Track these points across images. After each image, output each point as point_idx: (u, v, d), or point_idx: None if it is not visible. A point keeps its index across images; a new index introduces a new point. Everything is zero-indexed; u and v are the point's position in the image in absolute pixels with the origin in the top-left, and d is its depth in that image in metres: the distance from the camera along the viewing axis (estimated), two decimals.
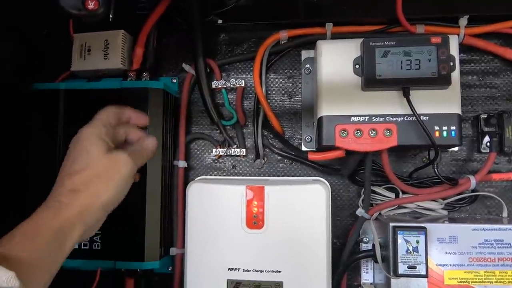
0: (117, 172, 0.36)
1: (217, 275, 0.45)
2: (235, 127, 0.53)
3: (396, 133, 0.43)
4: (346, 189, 0.52)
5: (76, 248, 0.47)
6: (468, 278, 0.41)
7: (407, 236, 0.41)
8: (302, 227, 0.44)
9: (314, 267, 0.44)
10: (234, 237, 0.45)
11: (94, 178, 0.35)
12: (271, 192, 0.45)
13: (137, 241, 0.46)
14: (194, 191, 0.46)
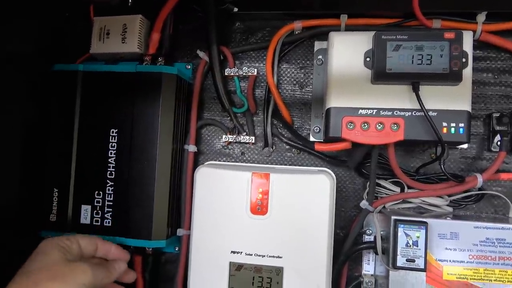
0: (73, 279, 0.37)
1: (220, 257, 0.47)
2: (246, 115, 0.54)
3: (403, 128, 0.43)
4: (352, 181, 0.52)
5: (88, 224, 0.50)
6: (467, 274, 0.41)
7: (408, 230, 0.41)
8: (305, 215, 0.45)
9: (315, 255, 0.45)
10: (238, 221, 0.46)
11: (49, 279, 0.36)
12: (276, 179, 0.46)
13: (146, 220, 0.48)
14: (202, 175, 0.48)
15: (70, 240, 0.41)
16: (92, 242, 0.43)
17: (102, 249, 0.44)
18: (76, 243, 0.41)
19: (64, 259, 0.38)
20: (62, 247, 0.39)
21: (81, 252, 0.41)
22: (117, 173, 0.50)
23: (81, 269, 0.38)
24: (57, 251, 0.39)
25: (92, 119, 0.51)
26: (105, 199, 0.50)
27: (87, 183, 0.50)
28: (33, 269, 0.37)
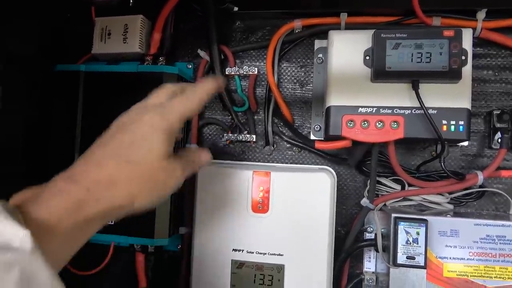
0: (167, 184, 0.32)
1: (222, 255, 0.47)
2: (247, 114, 0.54)
3: (403, 126, 0.43)
4: (353, 179, 0.53)
5: None
6: (467, 271, 0.41)
7: (408, 227, 0.41)
8: (306, 213, 0.46)
9: (316, 253, 0.45)
10: (239, 219, 0.47)
11: (142, 180, 0.30)
12: (277, 178, 0.46)
13: (148, 219, 0.49)
14: (203, 173, 0.48)
15: (179, 124, 0.32)
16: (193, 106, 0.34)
17: None
18: (181, 123, 0.33)
19: (165, 157, 0.31)
20: (169, 140, 0.31)
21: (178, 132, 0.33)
22: None
23: (176, 175, 0.32)
24: (161, 146, 0.30)
25: (94, 119, 0.51)
26: None
27: None
28: (130, 160, 0.29)
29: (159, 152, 0.31)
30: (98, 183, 0.28)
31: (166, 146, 0.31)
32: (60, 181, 0.29)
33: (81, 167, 0.30)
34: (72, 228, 0.27)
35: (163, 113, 0.32)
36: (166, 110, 0.32)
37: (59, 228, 0.26)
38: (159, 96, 0.35)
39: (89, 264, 0.55)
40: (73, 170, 0.30)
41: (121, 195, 0.29)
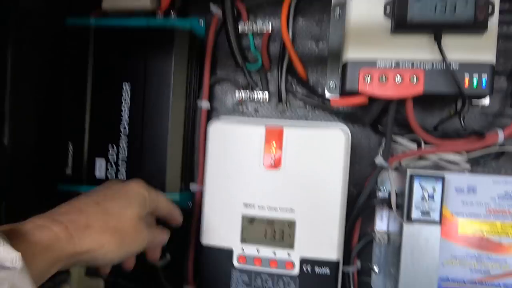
0: (135, 242, 0.36)
1: (232, 210, 0.47)
2: (259, 72, 0.53)
3: (423, 80, 0.42)
4: (368, 138, 0.52)
5: (103, 178, 0.51)
6: (483, 229, 0.41)
7: (424, 183, 0.40)
8: (319, 170, 0.45)
9: (328, 209, 0.45)
10: (251, 175, 0.46)
11: (114, 231, 0.34)
12: (290, 134, 0.46)
13: (159, 173, 0.49)
14: (215, 129, 0.47)
15: (155, 198, 0.40)
16: (169, 207, 0.43)
17: (168, 214, 0.44)
18: (156, 203, 0.40)
19: (139, 216, 0.37)
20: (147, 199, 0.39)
21: (152, 210, 0.40)
22: (130, 127, 0.50)
23: (142, 238, 0.37)
24: (137, 208, 0.37)
25: (105, 74, 0.51)
26: (119, 152, 0.50)
27: (100, 136, 0.51)
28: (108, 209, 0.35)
29: (134, 211, 0.36)
30: (74, 222, 0.33)
31: (142, 209, 0.37)
32: (40, 219, 0.32)
33: (63, 209, 0.35)
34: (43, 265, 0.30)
35: (149, 188, 0.40)
36: (152, 189, 0.40)
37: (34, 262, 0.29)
38: None
39: None
40: (54, 212, 0.34)
41: (92, 239, 0.33)
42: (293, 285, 0.46)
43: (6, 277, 0.24)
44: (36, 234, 0.30)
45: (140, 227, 0.37)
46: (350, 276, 0.49)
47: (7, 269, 0.25)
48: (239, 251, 0.47)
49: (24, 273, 0.25)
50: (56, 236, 0.31)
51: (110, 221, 0.35)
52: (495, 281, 0.41)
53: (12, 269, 0.25)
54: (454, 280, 0.41)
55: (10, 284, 0.24)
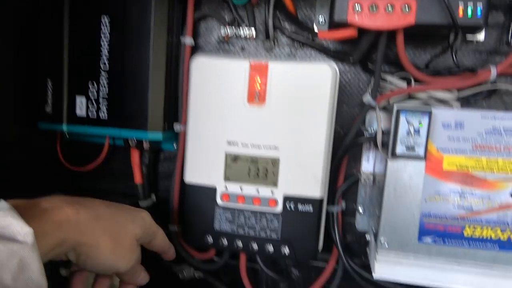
0: (125, 255, 0.37)
1: (216, 148, 0.46)
2: (246, 6, 0.50)
3: (415, 9, 0.39)
4: (357, 78, 0.50)
5: (84, 116, 0.49)
6: (468, 165, 0.40)
7: (410, 117, 0.39)
8: (305, 106, 0.44)
9: (313, 146, 0.44)
10: (235, 111, 0.45)
11: (114, 237, 0.35)
12: (275, 68, 0.44)
13: (141, 111, 0.47)
14: (197, 64, 0.46)
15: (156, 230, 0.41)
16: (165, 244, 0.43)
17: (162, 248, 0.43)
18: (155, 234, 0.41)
19: (136, 235, 0.38)
20: (145, 226, 0.39)
21: (148, 240, 0.41)
22: (110, 63, 0.48)
23: (133, 255, 0.38)
24: (140, 225, 0.38)
25: (83, 6, 0.48)
26: (100, 90, 0.48)
27: (80, 73, 0.49)
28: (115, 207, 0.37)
29: (135, 229, 0.38)
30: (85, 210, 0.34)
31: (142, 232, 0.38)
32: (57, 199, 0.33)
33: (78, 198, 0.35)
34: (51, 243, 0.30)
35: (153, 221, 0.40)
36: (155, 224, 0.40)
37: (45, 239, 0.30)
38: None
39: (85, 162, 0.55)
40: (70, 197, 0.35)
41: (95, 234, 0.34)
42: (276, 222, 0.46)
43: (17, 250, 0.26)
44: (51, 213, 0.31)
45: (134, 245, 0.38)
46: (334, 215, 0.49)
47: (18, 242, 0.26)
48: (222, 189, 0.47)
49: (34, 249, 0.26)
50: (67, 217, 0.32)
51: (113, 227, 0.36)
52: (477, 216, 0.41)
53: (24, 243, 0.26)
54: (436, 216, 0.41)
55: (20, 257, 0.26)
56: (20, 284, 0.26)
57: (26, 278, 0.26)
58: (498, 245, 0.41)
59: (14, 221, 0.27)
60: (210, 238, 0.48)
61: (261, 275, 0.56)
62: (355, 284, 0.52)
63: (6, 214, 0.27)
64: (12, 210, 0.27)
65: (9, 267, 0.25)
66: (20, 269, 0.26)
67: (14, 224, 0.26)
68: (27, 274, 0.26)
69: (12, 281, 0.25)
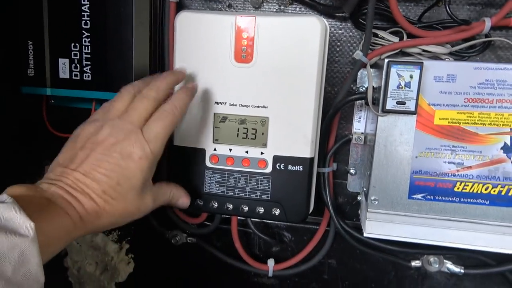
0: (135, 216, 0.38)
1: (204, 109, 0.45)
2: None
3: None
4: (348, 34, 0.48)
5: (67, 78, 0.48)
6: (460, 119, 0.39)
7: (401, 70, 0.38)
8: (294, 63, 0.42)
9: (303, 105, 0.43)
10: (221, 70, 0.44)
11: (117, 213, 0.35)
12: (262, 23, 0.42)
13: (126, 72, 0.46)
14: (182, 20, 0.44)
15: (160, 146, 0.38)
16: None
17: None
18: (161, 148, 0.38)
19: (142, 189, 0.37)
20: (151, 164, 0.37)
21: None
22: (92, 22, 0.46)
23: (144, 210, 0.38)
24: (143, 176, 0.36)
25: None
26: (82, 51, 0.47)
27: (61, 34, 0.47)
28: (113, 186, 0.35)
29: (137, 191, 0.36)
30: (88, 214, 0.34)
31: (145, 180, 0.37)
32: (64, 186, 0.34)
33: None
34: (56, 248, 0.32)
35: (148, 144, 0.36)
36: (151, 137, 0.36)
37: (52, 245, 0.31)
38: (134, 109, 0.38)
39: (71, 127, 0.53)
40: None
41: (105, 224, 0.35)
42: (266, 183, 0.45)
43: (18, 243, 0.26)
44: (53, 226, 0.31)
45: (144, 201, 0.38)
46: (325, 177, 0.49)
47: (20, 235, 0.27)
48: (211, 151, 0.46)
49: (34, 242, 0.27)
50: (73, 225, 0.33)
51: (116, 207, 0.36)
52: (468, 172, 0.40)
53: (25, 237, 0.27)
54: (427, 173, 0.41)
55: (21, 250, 0.26)
56: (19, 276, 0.26)
57: (26, 271, 0.26)
58: (489, 200, 0.41)
59: (17, 214, 0.27)
60: (201, 201, 0.48)
61: (253, 239, 0.56)
62: (347, 244, 0.53)
63: (10, 207, 0.27)
64: (15, 203, 0.28)
65: (10, 259, 0.26)
66: (20, 261, 0.26)
67: (16, 218, 0.27)
68: (26, 267, 0.27)
69: (12, 273, 0.26)
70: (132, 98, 0.38)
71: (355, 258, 0.54)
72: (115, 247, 0.60)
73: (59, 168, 0.35)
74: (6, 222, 0.27)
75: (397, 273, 0.54)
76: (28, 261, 0.27)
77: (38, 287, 0.27)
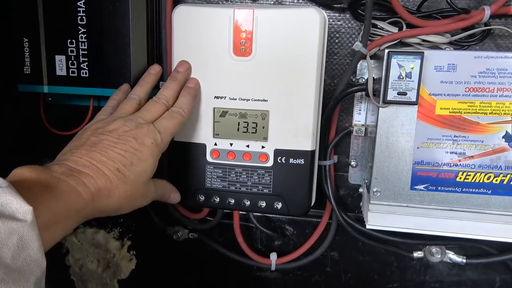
0: (141, 202, 0.39)
1: (203, 104, 0.45)
2: None
3: None
4: (347, 26, 0.48)
5: (64, 75, 0.47)
6: (461, 108, 0.39)
7: (402, 61, 0.38)
8: (293, 55, 0.42)
9: (303, 97, 0.43)
10: (220, 64, 0.43)
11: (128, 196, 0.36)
12: (260, 15, 0.42)
13: (124, 68, 0.45)
14: (180, 14, 0.43)
15: (169, 138, 0.40)
16: None
17: None
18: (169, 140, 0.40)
19: (150, 177, 0.38)
20: (159, 154, 0.39)
21: None
22: (88, 18, 0.45)
23: (149, 198, 0.40)
24: (153, 164, 0.38)
25: None
26: (79, 47, 0.46)
27: (57, 31, 0.46)
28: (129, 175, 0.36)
29: (148, 175, 0.38)
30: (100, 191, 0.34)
31: (154, 169, 0.38)
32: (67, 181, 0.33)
33: None
34: (66, 227, 0.32)
35: (160, 134, 0.38)
36: (161, 129, 0.39)
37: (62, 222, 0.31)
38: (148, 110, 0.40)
39: (70, 126, 0.53)
40: None
41: (114, 206, 0.35)
42: (268, 177, 0.45)
43: (16, 228, 0.25)
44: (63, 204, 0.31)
45: (150, 188, 0.40)
46: (327, 169, 0.49)
47: (18, 220, 0.26)
48: (212, 146, 0.46)
49: (33, 226, 0.26)
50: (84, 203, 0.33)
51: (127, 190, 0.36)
52: (470, 161, 0.40)
53: (23, 221, 0.26)
54: (429, 163, 0.41)
55: (19, 235, 0.25)
56: (19, 262, 0.25)
57: (26, 256, 0.26)
58: (491, 190, 0.41)
59: (13, 199, 0.26)
60: (202, 196, 0.47)
61: (255, 233, 0.56)
62: (349, 237, 0.53)
63: (5, 191, 0.26)
64: (11, 187, 0.27)
65: (8, 245, 0.25)
66: (20, 247, 0.25)
67: (13, 202, 0.26)
68: (26, 252, 0.26)
69: (11, 259, 0.25)
70: (138, 103, 0.41)
71: (358, 250, 0.54)
72: (116, 244, 0.60)
73: (71, 151, 0.36)
74: (2, 208, 0.26)
75: (400, 264, 0.54)
76: (27, 246, 0.26)
77: (40, 271, 0.27)
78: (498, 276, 0.52)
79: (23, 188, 0.28)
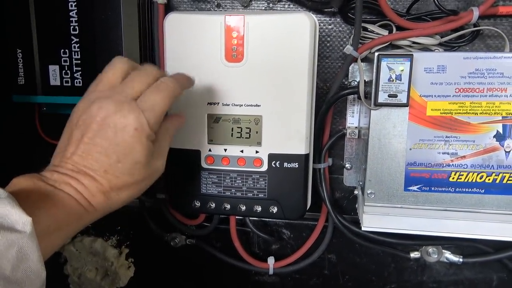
0: (148, 184, 0.36)
1: (197, 110, 0.45)
2: None
3: None
4: (338, 29, 0.48)
5: (58, 85, 0.48)
6: (452, 109, 0.39)
7: (391, 64, 0.38)
8: (284, 60, 0.42)
9: (295, 101, 0.43)
10: (213, 70, 0.44)
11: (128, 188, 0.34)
12: (251, 21, 0.42)
13: None
14: (171, 22, 0.44)
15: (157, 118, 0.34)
16: None
17: None
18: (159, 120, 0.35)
19: (147, 160, 0.34)
20: (149, 141, 0.34)
21: None
22: (80, 27, 0.46)
23: (157, 174, 0.37)
24: (144, 149, 0.33)
25: None
26: (72, 57, 0.47)
27: (50, 41, 0.47)
28: (119, 176, 0.33)
29: (143, 163, 0.34)
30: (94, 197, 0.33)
31: (148, 151, 0.34)
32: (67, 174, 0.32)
33: None
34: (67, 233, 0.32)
35: (144, 113, 0.33)
36: (146, 107, 0.33)
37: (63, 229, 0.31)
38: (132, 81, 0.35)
39: None
40: None
41: (123, 198, 0.35)
42: (262, 182, 0.45)
43: (15, 240, 0.25)
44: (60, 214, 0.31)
45: (153, 168, 0.36)
46: (321, 172, 0.49)
47: (17, 232, 0.25)
48: (206, 152, 0.46)
49: (32, 238, 0.26)
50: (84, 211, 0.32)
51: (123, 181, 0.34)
52: (462, 161, 0.41)
53: (22, 233, 0.26)
54: (422, 164, 0.41)
55: (19, 247, 0.25)
56: (19, 273, 0.25)
57: (25, 268, 0.26)
58: (484, 189, 0.41)
59: (13, 210, 0.26)
60: (198, 202, 0.48)
61: (252, 237, 0.56)
62: (346, 239, 0.53)
63: (5, 202, 0.26)
64: (10, 198, 0.27)
65: (7, 257, 0.25)
66: (19, 259, 0.25)
67: (12, 213, 0.26)
68: (26, 264, 0.26)
69: (11, 271, 0.25)
70: (126, 70, 0.36)
71: (355, 252, 0.55)
72: (114, 252, 0.60)
73: (60, 154, 0.34)
74: (1, 219, 0.25)
75: (397, 265, 0.54)
76: (27, 258, 0.26)
77: (40, 282, 0.26)
78: (495, 275, 0.52)
79: (21, 197, 0.28)
